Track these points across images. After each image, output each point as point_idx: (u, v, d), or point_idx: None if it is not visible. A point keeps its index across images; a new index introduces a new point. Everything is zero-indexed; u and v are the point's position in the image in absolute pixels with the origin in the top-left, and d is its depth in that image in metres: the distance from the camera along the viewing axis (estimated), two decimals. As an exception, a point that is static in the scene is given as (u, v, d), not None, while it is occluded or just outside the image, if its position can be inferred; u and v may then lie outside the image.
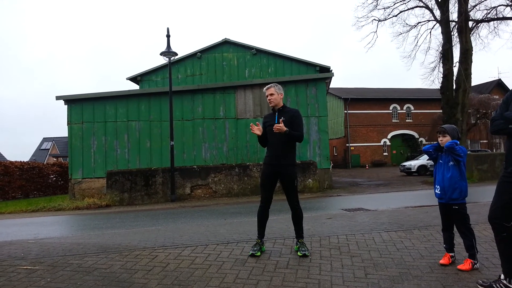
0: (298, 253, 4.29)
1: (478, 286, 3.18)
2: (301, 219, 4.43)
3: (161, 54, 14.20)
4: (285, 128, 4.18)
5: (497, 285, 3.06)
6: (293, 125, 4.35)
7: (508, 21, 20.03)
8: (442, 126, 3.99)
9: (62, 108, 16.78)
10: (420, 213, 6.85)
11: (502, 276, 3.07)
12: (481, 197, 8.98)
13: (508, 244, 3.04)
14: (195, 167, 14.71)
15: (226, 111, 16.45)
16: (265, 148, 4.57)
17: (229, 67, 22.34)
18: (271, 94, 4.44)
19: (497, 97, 35.60)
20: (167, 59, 14.49)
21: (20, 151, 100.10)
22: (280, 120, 4.27)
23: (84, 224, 9.40)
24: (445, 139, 3.84)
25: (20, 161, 21.82)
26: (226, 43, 22.46)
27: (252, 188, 14.35)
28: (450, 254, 3.87)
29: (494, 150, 34.50)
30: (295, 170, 4.41)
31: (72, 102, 15.71)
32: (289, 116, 4.39)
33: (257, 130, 4.41)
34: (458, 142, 3.79)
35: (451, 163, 3.79)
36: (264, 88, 4.58)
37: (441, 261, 3.85)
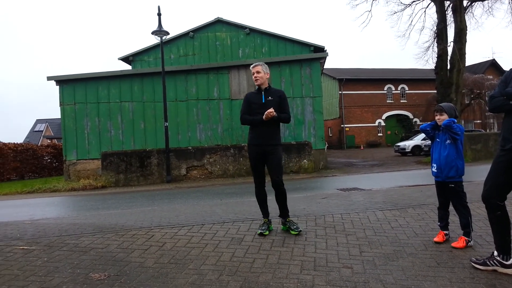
0: (292, 232, 4.31)
1: (472, 263, 3.22)
2: (285, 198, 4.39)
3: (152, 33, 13.96)
4: (275, 114, 4.17)
5: (491, 261, 3.11)
6: (282, 106, 4.38)
7: (503, -1, 19.82)
8: (440, 104, 3.97)
9: (55, 89, 16.56)
10: (414, 192, 6.92)
11: (496, 253, 3.12)
12: (475, 176, 9.09)
13: (501, 222, 3.07)
14: (190, 148, 14.68)
15: (220, 91, 16.31)
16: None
17: (222, 47, 22.02)
18: (258, 72, 4.42)
19: (491, 77, 35.58)
20: (159, 38, 14.26)
21: (13, 133, 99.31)
22: (271, 109, 4.16)
23: (80, 205, 9.40)
24: (442, 117, 3.82)
25: (14, 143, 21.61)
26: (218, 22, 22.05)
27: (247, 169, 14.38)
28: (444, 232, 3.92)
29: (488, 130, 34.74)
30: (280, 150, 4.43)
31: (63, 82, 15.47)
32: (277, 96, 4.41)
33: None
34: (456, 120, 3.77)
35: (448, 141, 3.79)
36: (251, 66, 4.54)
37: (435, 239, 3.89)
